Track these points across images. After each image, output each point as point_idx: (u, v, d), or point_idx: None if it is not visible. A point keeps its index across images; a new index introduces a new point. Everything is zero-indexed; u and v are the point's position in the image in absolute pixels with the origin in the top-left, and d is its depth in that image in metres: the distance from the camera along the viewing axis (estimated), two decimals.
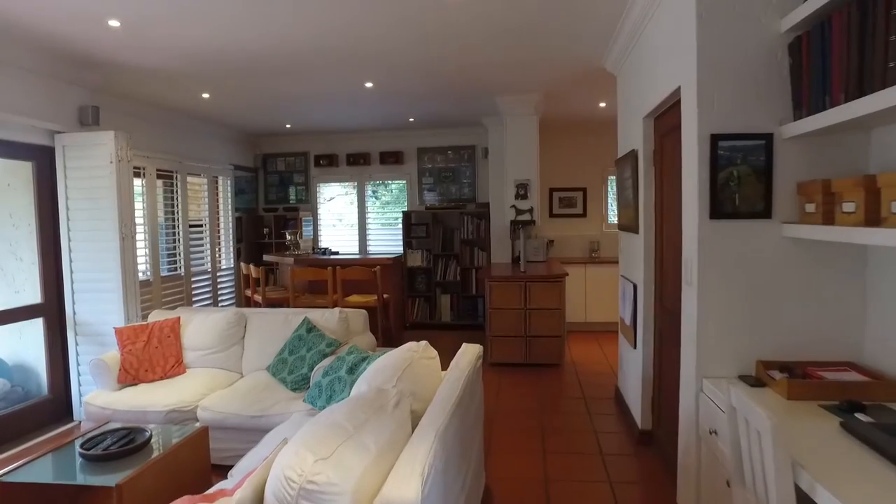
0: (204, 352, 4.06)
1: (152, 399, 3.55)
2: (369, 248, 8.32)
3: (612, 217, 7.82)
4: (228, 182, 7.55)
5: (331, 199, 8.37)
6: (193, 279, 6.67)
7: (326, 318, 3.99)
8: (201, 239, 6.94)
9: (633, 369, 3.98)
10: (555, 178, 7.78)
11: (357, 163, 8.11)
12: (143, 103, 5.69)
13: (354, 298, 5.76)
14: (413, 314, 7.79)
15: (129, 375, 3.84)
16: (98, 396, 3.66)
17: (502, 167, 6.41)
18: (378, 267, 5.54)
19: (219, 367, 4.05)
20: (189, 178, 6.68)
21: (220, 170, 7.35)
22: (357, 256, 7.04)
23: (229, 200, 7.56)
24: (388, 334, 5.93)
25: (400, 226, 7.91)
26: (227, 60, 4.33)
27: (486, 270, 6.19)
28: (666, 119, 3.18)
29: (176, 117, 6.34)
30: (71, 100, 4.43)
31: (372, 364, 2.80)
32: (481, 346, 3.05)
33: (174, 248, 6.40)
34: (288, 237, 6.98)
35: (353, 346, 3.26)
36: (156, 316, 4.24)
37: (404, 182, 8.18)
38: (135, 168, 5.71)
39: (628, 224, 4.02)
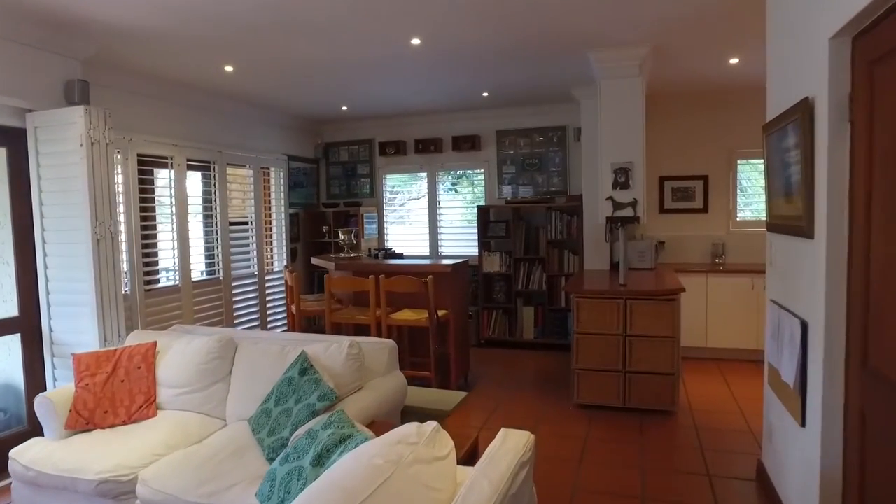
0: (180, 390, 3.08)
1: (89, 459, 2.60)
2: (442, 250, 7.18)
3: (742, 213, 6.09)
4: (281, 174, 6.71)
5: (421, 196, 7.26)
6: (235, 284, 5.86)
7: (331, 353, 2.86)
8: (246, 238, 6.13)
9: (797, 454, 2.49)
10: (667, 163, 6.18)
11: (427, 150, 6.99)
12: (163, 81, 4.89)
13: (405, 315, 4.63)
14: (489, 329, 6.54)
15: (81, 419, 2.94)
16: (27, 450, 2.76)
17: (597, 149, 5.00)
18: (430, 276, 4.36)
19: (197, 411, 3.05)
20: (231, 170, 5.89)
21: (271, 160, 6.52)
22: (425, 262, 5.90)
23: (282, 195, 6.72)
24: (444, 362, 4.74)
25: (473, 223, 6.69)
26: (228, 13, 3.33)
27: (573, 282, 4.82)
28: (890, 29, 1.70)
29: (211, 100, 5.53)
30: (53, 73, 3.64)
31: (338, 463, 1.62)
32: (532, 437, 1.77)
33: (212, 248, 5.62)
34: (341, 236, 5.98)
35: (338, 414, 2.10)
36: (134, 338, 3.34)
37: (482, 171, 6.94)
38: (161, 158, 4.97)
39: (791, 222, 2.53)
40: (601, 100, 4.56)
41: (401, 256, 6.88)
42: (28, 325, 3.66)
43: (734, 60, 4.68)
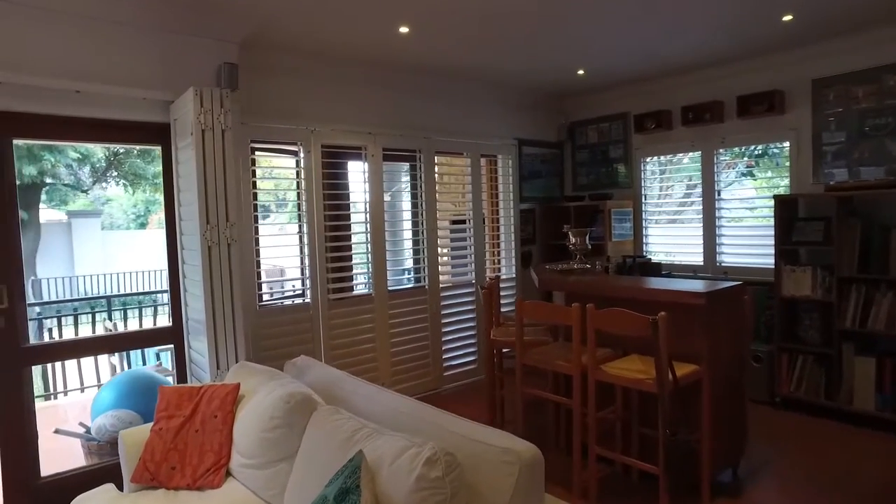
0: (244, 460, 2.24)
1: None
2: (722, 260, 5.15)
3: None
4: (510, 162, 5.62)
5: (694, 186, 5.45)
6: (445, 294, 5.00)
7: (398, 467, 1.60)
8: (463, 240, 5.23)
9: None
10: None
11: (699, 120, 5.04)
12: (341, 60, 4.15)
13: (627, 366, 3.03)
14: (790, 382, 4.34)
15: (147, 473, 2.32)
16: (86, 502, 2.26)
17: None
18: (663, 313, 2.70)
19: (259, 495, 2.16)
20: (442, 159, 5.04)
21: (497, 146, 5.48)
22: (689, 285, 4.14)
23: (511, 187, 5.63)
24: (687, 454, 2.98)
25: (772, 223, 4.51)
26: None
27: None
28: None
29: (408, 77, 4.65)
30: (206, 61, 3.23)
31: None
32: None
33: (418, 251, 4.86)
34: (571, 238, 4.54)
35: None
36: (235, 374, 2.64)
37: (785, 146, 4.70)
38: (353, 148, 4.38)
39: None
40: None
41: (657, 269, 5.14)
42: (177, 337, 3.33)
43: None
